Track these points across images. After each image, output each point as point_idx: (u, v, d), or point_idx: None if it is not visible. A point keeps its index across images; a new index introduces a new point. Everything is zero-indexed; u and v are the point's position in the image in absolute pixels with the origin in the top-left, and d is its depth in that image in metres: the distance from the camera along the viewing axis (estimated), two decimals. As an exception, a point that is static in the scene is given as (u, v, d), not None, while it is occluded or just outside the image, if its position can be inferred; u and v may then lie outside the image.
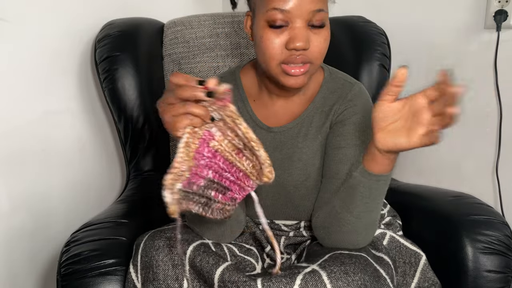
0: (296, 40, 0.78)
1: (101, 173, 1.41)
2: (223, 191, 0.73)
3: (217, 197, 0.72)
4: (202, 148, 0.71)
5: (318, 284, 0.71)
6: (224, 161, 0.72)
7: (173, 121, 0.68)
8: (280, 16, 0.78)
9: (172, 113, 0.67)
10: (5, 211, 1.13)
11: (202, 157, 0.71)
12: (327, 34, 0.82)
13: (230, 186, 0.73)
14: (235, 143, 0.71)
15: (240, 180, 0.72)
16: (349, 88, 0.92)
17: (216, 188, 0.72)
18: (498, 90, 1.29)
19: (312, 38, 0.80)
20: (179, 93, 0.66)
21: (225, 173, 0.72)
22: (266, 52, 0.81)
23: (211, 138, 0.71)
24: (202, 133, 0.71)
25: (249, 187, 0.72)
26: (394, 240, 0.95)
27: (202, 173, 0.72)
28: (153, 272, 0.80)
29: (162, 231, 0.85)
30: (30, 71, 1.16)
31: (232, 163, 0.72)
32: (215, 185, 0.72)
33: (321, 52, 0.82)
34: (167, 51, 1.33)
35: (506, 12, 1.24)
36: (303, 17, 0.78)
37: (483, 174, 1.34)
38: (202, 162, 0.71)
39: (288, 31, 0.79)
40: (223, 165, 0.72)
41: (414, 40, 1.41)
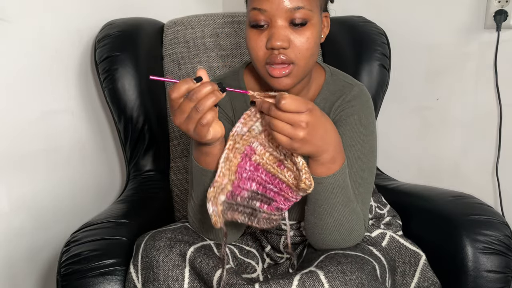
0: (273, 39, 0.77)
1: (101, 173, 1.41)
2: (268, 202, 0.74)
3: (262, 208, 0.73)
4: (244, 163, 0.73)
5: (315, 284, 0.71)
6: (266, 173, 0.73)
7: (198, 131, 0.69)
8: (260, 16, 0.78)
9: (192, 125, 0.68)
10: (5, 211, 1.13)
11: (244, 170, 0.73)
12: (310, 33, 0.79)
13: (275, 197, 0.74)
14: (276, 155, 0.73)
15: (283, 191, 0.73)
16: (349, 89, 0.91)
17: (260, 199, 0.73)
18: (498, 90, 1.28)
19: (293, 37, 0.78)
20: (194, 98, 0.67)
21: (268, 185, 0.74)
22: (251, 53, 0.81)
23: (252, 153, 0.73)
24: (244, 148, 0.72)
25: (293, 198, 0.73)
26: (394, 240, 0.95)
27: (245, 186, 0.73)
28: (154, 272, 0.80)
29: (163, 231, 0.85)
30: (30, 71, 1.16)
31: (275, 175, 0.73)
32: (260, 196, 0.73)
33: (302, 52, 0.79)
34: (167, 51, 1.33)
35: (506, 12, 1.24)
36: (281, 16, 0.77)
37: (483, 174, 1.34)
38: (244, 175, 0.73)
39: (268, 31, 0.79)
40: (265, 177, 0.73)
41: (414, 40, 1.41)
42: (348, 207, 0.80)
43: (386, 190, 1.17)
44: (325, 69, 0.95)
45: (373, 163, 0.88)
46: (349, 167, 0.84)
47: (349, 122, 0.88)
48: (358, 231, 0.83)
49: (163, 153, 1.29)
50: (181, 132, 1.30)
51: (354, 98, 0.90)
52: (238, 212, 0.73)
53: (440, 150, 1.42)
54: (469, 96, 1.34)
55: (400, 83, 1.42)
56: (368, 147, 0.87)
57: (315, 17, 0.80)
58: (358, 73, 1.27)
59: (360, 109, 0.89)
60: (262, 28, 0.79)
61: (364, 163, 0.86)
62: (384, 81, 1.30)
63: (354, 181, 0.84)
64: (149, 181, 1.24)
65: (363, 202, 0.86)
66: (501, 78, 1.28)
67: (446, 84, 1.38)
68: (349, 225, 0.81)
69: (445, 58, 1.37)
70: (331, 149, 0.73)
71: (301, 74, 0.82)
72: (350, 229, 0.81)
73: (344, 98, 0.90)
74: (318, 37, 0.81)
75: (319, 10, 0.82)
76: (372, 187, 0.89)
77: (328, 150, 0.73)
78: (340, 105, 0.90)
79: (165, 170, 1.29)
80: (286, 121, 0.67)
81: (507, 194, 1.30)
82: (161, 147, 1.29)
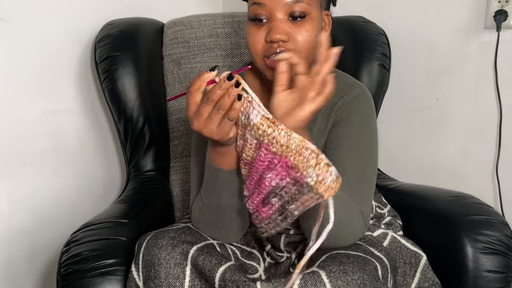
0: (272, 32, 0.78)
1: (101, 173, 1.41)
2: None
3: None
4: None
5: (317, 284, 0.71)
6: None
7: (220, 130, 0.69)
8: (260, 10, 0.79)
9: (215, 125, 0.69)
10: (5, 211, 1.13)
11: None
12: (309, 26, 0.80)
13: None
14: None
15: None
16: (350, 89, 0.91)
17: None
18: (498, 90, 1.28)
19: (293, 31, 0.79)
20: (212, 98, 0.67)
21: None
22: (250, 47, 0.82)
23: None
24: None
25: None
26: (395, 241, 0.95)
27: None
28: (155, 270, 0.80)
29: (165, 231, 0.85)
30: (30, 71, 1.16)
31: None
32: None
33: (302, 45, 0.80)
34: (167, 51, 1.33)
35: (506, 12, 1.24)
36: (281, 10, 0.78)
37: (483, 174, 1.34)
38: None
39: (268, 25, 0.80)
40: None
41: (414, 40, 1.41)
42: (337, 200, 0.79)
43: (386, 190, 1.17)
44: (326, 69, 0.95)
45: (374, 162, 0.89)
46: (350, 166, 0.85)
47: (350, 122, 0.88)
48: (353, 227, 0.82)
49: (163, 153, 1.29)
50: (181, 132, 1.30)
51: (355, 99, 0.90)
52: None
53: (440, 150, 1.42)
54: (469, 96, 1.34)
55: (400, 83, 1.42)
56: (370, 146, 0.88)
57: (314, 11, 0.80)
58: (358, 73, 1.27)
59: (361, 109, 0.90)
60: (262, 22, 0.80)
61: (365, 162, 0.86)
62: (384, 81, 1.30)
63: (355, 180, 0.84)
64: (149, 181, 1.24)
65: (364, 200, 0.86)
66: (501, 78, 1.28)
67: (446, 84, 1.38)
68: (342, 221, 0.79)
69: (445, 58, 1.37)
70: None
71: None
72: (343, 224, 0.80)
73: (345, 99, 0.90)
74: (317, 32, 0.82)
75: (318, 6, 0.82)
76: (374, 186, 0.90)
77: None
78: (341, 106, 0.90)
79: (165, 170, 1.29)
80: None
81: (507, 194, 1.30)
82: (161, 147, 1.29)
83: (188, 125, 1.30)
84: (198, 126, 0.69)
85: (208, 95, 0.67)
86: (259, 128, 0.68)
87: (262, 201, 0.70)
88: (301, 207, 0.67)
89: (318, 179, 0.64)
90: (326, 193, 0.64)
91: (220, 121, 0.68)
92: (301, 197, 0.66)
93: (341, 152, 0.86)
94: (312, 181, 0.64)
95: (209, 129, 0.69)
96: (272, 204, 0.69)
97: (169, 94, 1.31)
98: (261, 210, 0.70)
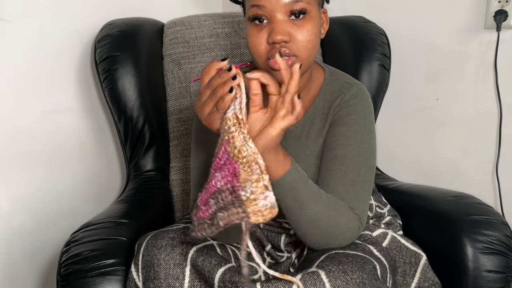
0: (273, 34, 0.78)
1: (101, 173, 1.41)
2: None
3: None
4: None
5: (317, 283, 0.71)
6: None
7: (209, 116, 0.71)
8: (260, 12, 0.79)
9: (207, 110, 0.70)
10: (5, 211, 1.13)
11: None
12: (310, 25, 0.80)
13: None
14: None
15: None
16: (348, 88, 0.91)
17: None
18: (498, 90, 1.28)
19: (294, 31, 0.79)
20: (212, 83, 0.69)
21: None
22: (252, 49, 0.81)
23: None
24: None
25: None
26: (395, 240, 0.95)
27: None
28: (154, 270, 0.80)
29: (165, 231, 0.85)
30: (30, 71, 1.16)
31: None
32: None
33: (304, 45, 0.79)
34: (167, 51, 1.33)
35: (506, 12, 1.24)
36: (280, 10, 0.78)
37: (483, 174, 1.34)
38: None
39: (269, 26, 0.79)
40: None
41: (414, 40, 1.41)
42: (320, 201, 0.80)
43: (386, 190, 1.17)
44: (325, 69, 0.95)
45: (371, 162, 0.88)
46: (345, 166, 0.85)
47: (346, 121, 0.88)
48: (342, 227, 0.81)
49: (163, 153, 1.29)
50: (181, 132, 1.30)
51: (353, 98, 0.90)
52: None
53: (440, 150, 1.42)
54: (469, 96, 1.34)
55: (400, 83, 1.42)
56: (366, 146, 0.87)
57: (313, 9, 0.80)
58: (358, 73, 1.27)
59: (358, 108, 0.89)
60: (262, 24, 0.80)
61: (362, 162, 0.86)
62: (384, 81, 1.30)
63: (351, 179, 0.84)
64: (149, 181, 1.24)
65: (360, 199, 0.85)
66: (501, 78, 1.28)
67: (446, 84, 1.38)
68: (327, 221, 0.80)
69: (445, 58, 1.37)
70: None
71: (304, 66, 0.81)
72: (331, 225, 0.81)
73: (342, 98, 0.90)
74: (318, 30, 0.82)
75: (316, 4, 0.82)
76: (371, 186, 0.90)
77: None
78: (338, 105, 0.90)
79: (165, 170, 1.29)
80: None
81: (507, 194, 1.30)
82: (161, 147, 1.29)
83: (188, 125, 1.30)
84: (197, 105, 0.72)
85: (211, 80, 0.69)
86: (226, 123, 0.68)
87: (206, 199, 0.69)
88: (227, 219, 0.66)
89: (251, 197, 0.63)
90: (253, 216, 0.63)
91: (212, 107, 0.70)
92: (231, 209, 0.65)
93: (339, 152, 0.86)
94: (245, 196, 0.64)
95: (202, 112, 0.71)
96: (210, 206, 0.68)
97: (169, 94, 1.31)
98: (200, 208, 0.69)
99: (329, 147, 0.88)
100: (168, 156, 1.30)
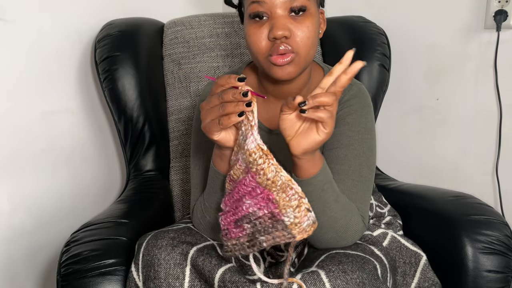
0: (274, 29, 0.78)
1: (101, 173, 1.41)
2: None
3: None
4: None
5: (317, 283, 0.71)
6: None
7: (208, 125, 0.70)
8: (260, 8, 0.79)
9: (209, 118, 0.70)
10: (5, 211, 1.13)
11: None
12: (309, 22, 0.80)
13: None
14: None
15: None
16: (347, 88, 0.91)
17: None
18: (498, 90, 1.29)
19: (294, 27, 0.79)
20: (223, 97, 0.68)
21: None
22: (252, 47, 0.81)
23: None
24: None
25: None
26: (395, 240, 0.95)
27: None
28: (154, 270, 0.80)
29: (165, 231, 0.85)
30: (30, 71, 1.16)
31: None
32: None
33: (304, 41, 0.80)
34: (167, 51, 1.33)
35: (506, 12, 1.24)
36: (281, 6, 0.78)
37: (483, 174, 1.34)
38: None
39: (269, 22, 0.79)
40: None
41: (414, 40, 1.41)
42: (339, 202, 0.80)
43: (386, 190, 1.17)
44: (324, 69, 0.95)
45: (372, 161, 0.88)
46: (347, 166, 0.85)
47: (347, 121, 0.88)
48: (354, 227, 0.83)
49: (163, 153, 1.29)
50: (181, 132, 1.30)
51: (352, 97, 0.90)
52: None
53: (440, 150, 1.42)
54: (469, 96, 1.34)
55: (400, 83, 1.42)
56: (367, 145, 0.88)
57: (312, 7, 0.81)
58: (358, 73, 1.26)
59: (358, 108, 0.89)
60: (263, 20, 0.80)
61: (363, 162, 0.86)
62: (384, 81, 1.30)
63: (352, 179, 0.84)
64: (149, 181, 1.24)
65: (362, 199, 0.86)
66: (501, 78, 1.28)
67: (446, 84, 1.38)
68: (344, 221, 0.81)
69: (445, 58, 1.37)
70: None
71: (303, 63, 0.82)
72: (345, 225, 0.81)
73: (342, 98, 0.90)
74: (317, 27, 0.82)
75: (316, 2, 0.82)
76: (372, 185, 0.90)
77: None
78: (338, 105, 0.90)
79: (165, 170, 1.29)
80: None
81: (507, 194, 1.30)
82: (161, 147, 1.29)
83: (188, 125, 1.30)
84: (203, 107, 0.71)
85: (223, 92, 0.68)
86: (251, 155, 0.68)
87: (235, 221, 0.70)
88: (271, 241, 0.67)
89: (295, 221, 0.65)
90: (299, 235, 0.65)
91: (215, 117, 0.70)
92: (274, 232, 0.67)
93: (339, 152, 0.86)
94: (289, 221, 0.66)
95: (205, 117, 0.71)
96: (244, 228, 0.69)
97: (169, 94, 1.31)
98: (231, 229, 0.71)
99: (330, 147, 0.88)
100: (168, 156, 1.30)
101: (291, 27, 0.79)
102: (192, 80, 1.30)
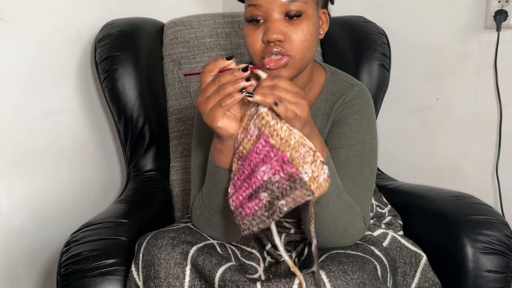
0: (268, 33, 0.78)
1: (101, 173, 1.41)
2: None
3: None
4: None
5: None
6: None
7: (213, 112, 0.71)
8: (256, 11, 0.80)
9: (210, 106, 0.70)
10: (5, 211, 1.13)
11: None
12: (305, 25, 0.80)
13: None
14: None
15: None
16: (349, 89, 0.92)
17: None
18: (498, 90, 1.29)
19: (289, 30, 0.79)
20: (220, 79, 0.69)
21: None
22: (249, 48, 0.82)
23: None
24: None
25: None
26: (395, 241, 0.95)
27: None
28: (155, 270, 0.80)
29: (165, 231, 0.85)
30: (30, 71, 1.16)
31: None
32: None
33: (298, 44, 0.80)
34: (167, 51, 1.33)
35: (506, 12, 1.24)
36: (277, 10, 0.78)
37: (483, 174, 1.34)
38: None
39: (264, 25, 0.80)
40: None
41: (414, 40, 1.41)
42: (341, 198, 0.80)
43: (386, 190, 1.17)
44: (326, 69, 0.95)
45: (373, 162, 0.89)
46: (349, 166, 0.85)
47: (349, 122, 0.88)
48: (355, 226, 0.83)
49: (163, 153, 1.29)
50: (181, 132, 1.30)
51: (354, 98, 0.90)
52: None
53: (440, 150, 1.42)
54: (469, 96, 1.34)
55: (400, 83, 1.42)
56: (368, 146, 0.88)
57: (310, 9, 0.81)
58: (358, 73, 1.27)
59: (360, 108, 0.90)
60: (259, 23, 0.80)
61: (364, 162, 0.86)
62: (384, 81, 1.30)
63: (353, 180, 0.84)
64: (149, 181, 1.24)
65: (363, 200, 0.86)
66: (501, 78, 1.28)
67: (446, 84, 1.38)
68: (345, 219, 0.81)
69: (445, 58, 1.37)
70: (318, 136, 0.75)
71: (298, 66, 0.82)
72: (346, 223, 0.81)
73: (344, 98, 0.90)
74: (314, 30, 0.82)
75: (314, 4, 0.82)
76: (373, 186, 0.90)
77: (318, 136, 0.75)
78: (340, 105, 0.90)
79: (165, 170, 1.29)
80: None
81: (507, 194, 1.30)
82: (161, 147, 1.29)
83: (188, 125, 1.30)
84: (199, 102, 0.72)
85: (218, 76, 0.69)
86: (263, 117, 0.70)
87: (249, 196, 0.70)
88: (291, 203, 0.68)
89: (314, 175, 0.67)
90: (317, 191, 0.67)
91: (215, 103, 0.70)
92: (293, 192, 0.68)
93: (341, 152, 0.86)
94: (307, 177, 0.67)
95: (204, 108, 0.71)
96: (260, 199, 0.70)
97: (169, 94, 1.31)
98: (246, 206, 0.71)
99: (332, 147, 0.88)
100: (168, 156, 1.30)
101: (286, 30, 0.79)
102: (192, 80, 1.30)
